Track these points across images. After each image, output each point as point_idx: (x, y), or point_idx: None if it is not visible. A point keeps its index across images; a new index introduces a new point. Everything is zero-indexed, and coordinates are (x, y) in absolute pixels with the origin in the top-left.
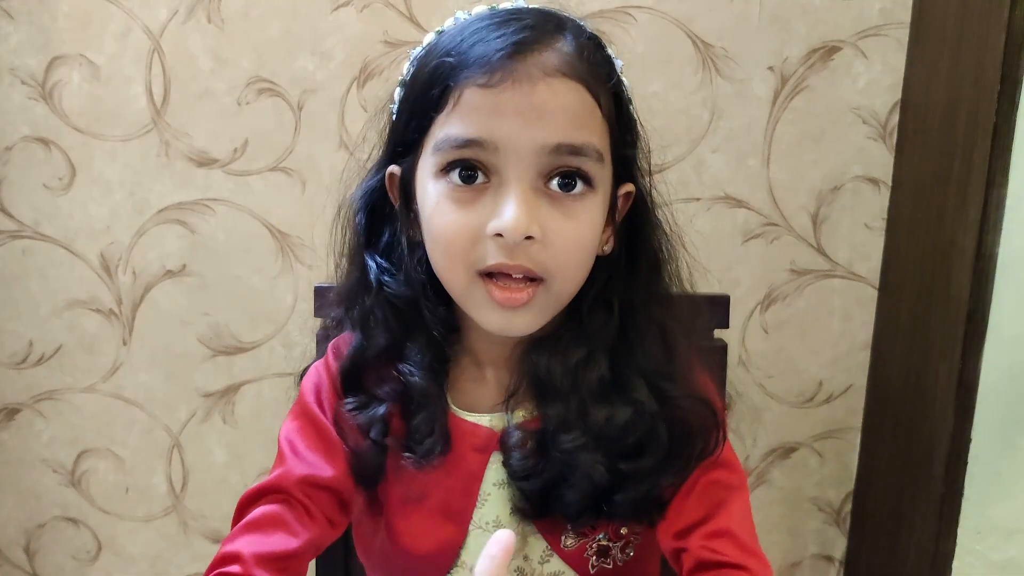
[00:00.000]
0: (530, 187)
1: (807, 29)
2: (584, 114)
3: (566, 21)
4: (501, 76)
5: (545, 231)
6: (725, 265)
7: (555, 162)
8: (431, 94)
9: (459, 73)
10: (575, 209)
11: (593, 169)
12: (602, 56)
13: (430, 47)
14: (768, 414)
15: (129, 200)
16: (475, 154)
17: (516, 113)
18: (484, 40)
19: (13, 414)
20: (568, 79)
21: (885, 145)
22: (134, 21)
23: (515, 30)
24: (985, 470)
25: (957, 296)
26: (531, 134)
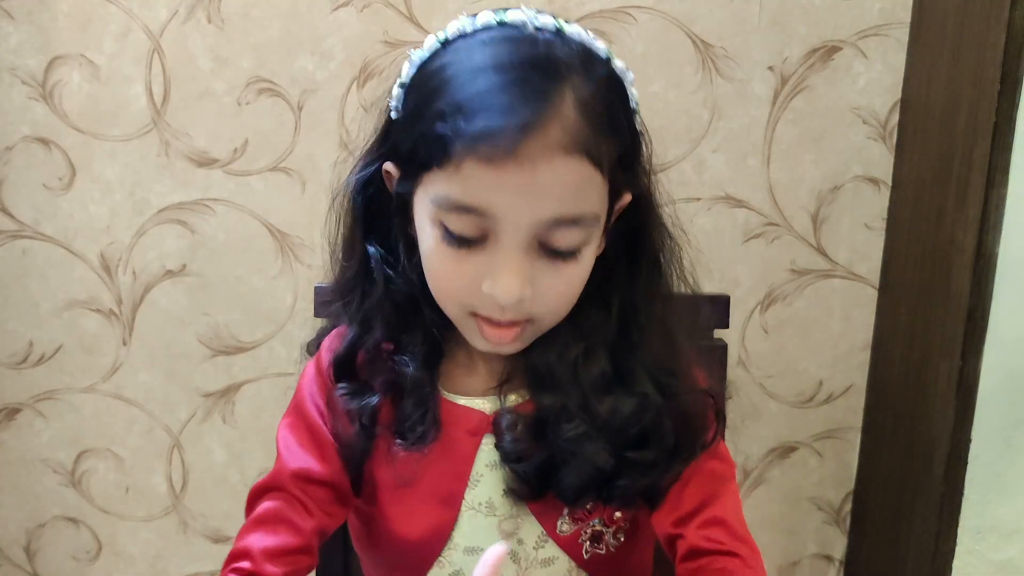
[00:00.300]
0: (525, 250)
1: (807, 29)
2: (584, 185)
3: (575, 67)
4: (504, 156)
5: (536, 287)
6: (725, 265)
7: (551, 231)
8: (432, 152)
9: (460, 143)
10: (566, 268)
11: (587, 233)
12: (610, 103)
13: (432, 70)
14: (768, 414)
15: (129, 200)
16: (472, 220)
17: (517, 190)
18: (487, 111)
19: (13, 414)
20: (570, 155)
21: (885, 145)
22: (134, 21)
23: (521, 104)
24: (985, 470)
25: (957, 296)
26: (530, 209)
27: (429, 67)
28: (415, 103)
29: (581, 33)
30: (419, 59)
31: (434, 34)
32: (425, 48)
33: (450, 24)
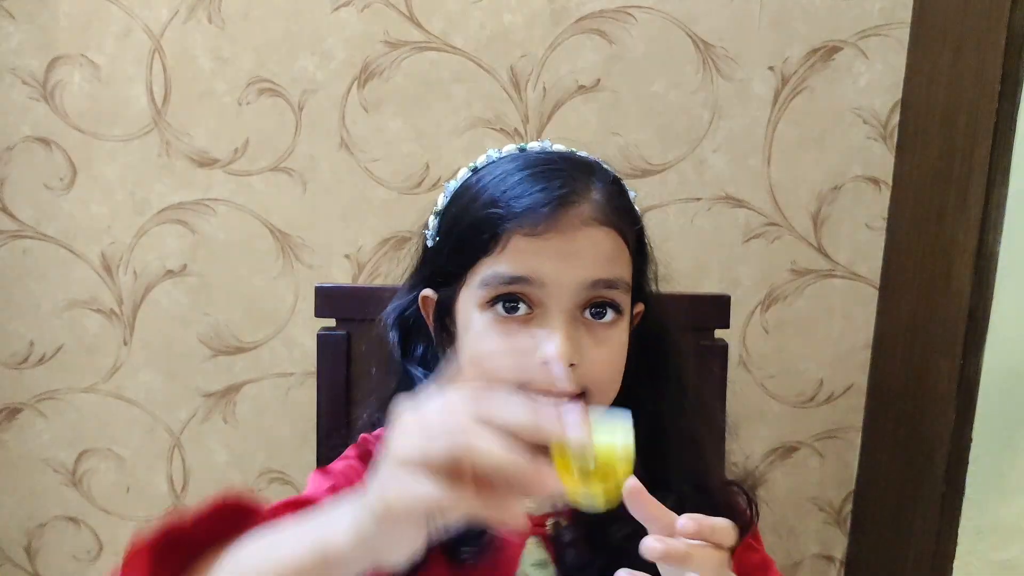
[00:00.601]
0: (569, 318)
1: (807, 29)
2: (615, 253)
3: (594, 168)
4: (546, 227)
5: (583, 356)
6: (726, 265)
7: (591, 295)
8: (480, 238)
9: (507, 223)
10: (607, 335)
11: (621, 298)
12: (626, 199)
13: (467, 186)
14: (769, 414)
15: (130, 200)
16: (521, 288)
17: (559, 256)
18: (529, 193)
19: (14, 414)
20: (602, 226)
21: (885, 145)
22: (135, 21)
23: (558, 184)
24: (986, 470)
25: (958, 295)
26: (572, 272)
27: (463, 188)
28: (455, 215)
29: (590, 156)
30: (452, 188)
31: (465, 166)
32: (458, 179)
33: (479, 158)
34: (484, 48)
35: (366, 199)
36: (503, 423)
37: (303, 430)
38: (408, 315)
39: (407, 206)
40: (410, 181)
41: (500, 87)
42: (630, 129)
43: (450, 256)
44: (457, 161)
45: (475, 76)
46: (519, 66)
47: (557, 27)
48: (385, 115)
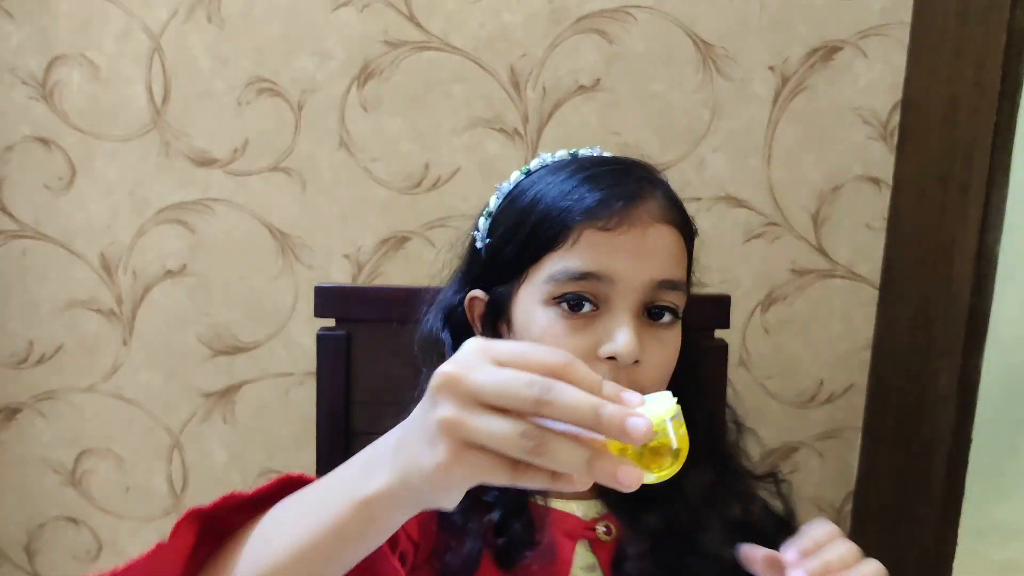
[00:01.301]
0: (635, 316)
1: (808, 29)
2: (679, 254)
3: (651, 169)
4: (618, 220)
5: (644, 356)
6: (726, 265)
7: (655, 295)
8: (549, 232)
9: (579, 216)
10: (667, 336)
11: (680, 301)
12: (680, 202)
13: (521, 188)
14: (769, 414)
15: (129, 200)
16: (590, 285)
17: (630, 252)
18: (599, 188)
19: (13, 414)
20: (669, 225)
21: (886, 145)
22: (134, 21)
23: (628, 180)
24: (986, 470)
25: (958, 296)
26: (642, 270)
27: (518, 191)
28: (516, 214)
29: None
30: (507, 189)
31: (517, 170)
32: (511, 180)
33: (532, 162)
34: (484, 48)
35: (366, 199)
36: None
37: (303, 430)
38: (459, 313)
39: (407, 206)
40: (410, 181)
41: (500, 87)
42: (630, 129)
43: (512, 253)
44: (457, 161)
45: (475, 76)
46: (519, 66)
47: (557, 27)
48: (385, 115)
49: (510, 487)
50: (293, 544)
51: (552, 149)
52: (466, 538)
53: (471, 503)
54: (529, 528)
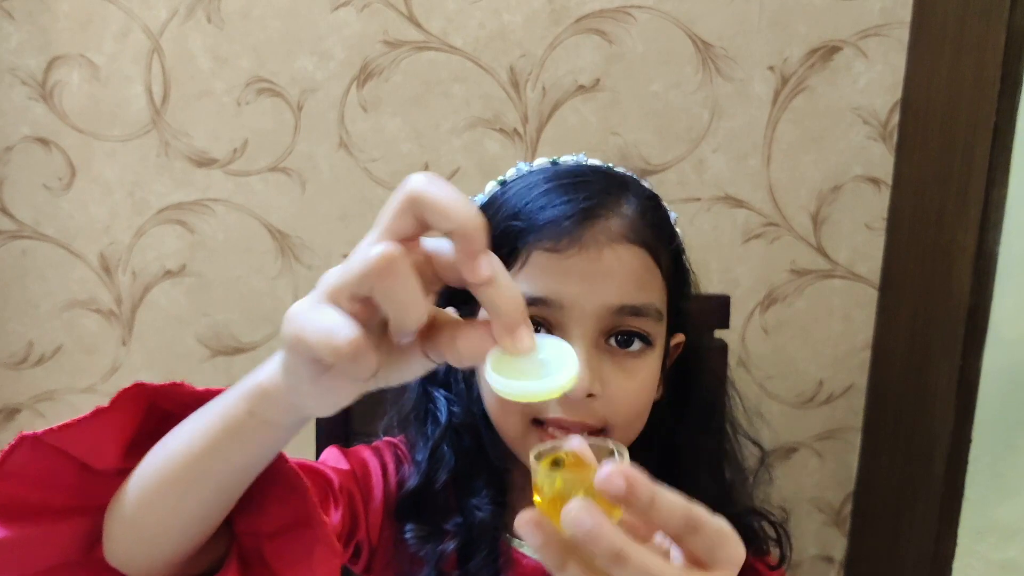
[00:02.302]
0: (592, 344)
1: (807, 29)
2: (646, 276)
3: (628, 181)
4: (569, 242)
5: (605, 387)
6: (725, 265)
7: (616, 322)
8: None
9: (527, 236)
10: (634, 366)
11: (652, 328)
12: (661, 216)
13: (493, 199)
14: (768, 415)
15: (129, 200)
16: (540, 311)
17: (582, 277)
18: (552, 204)
19: (13, 414)
20: (632, 244)
21: (885, 145)
22: (134, 21)
23: (584, 196)
24: (986, 470)
25: (958, 296)
26: (596, 296)
27: (489, 202)
28: None
29: (629, 172)
30: (479, 202)
31: (494, 180)
32: (486, 192)
33: (508, 171)
34: (483, 48)
35: (365, 199)
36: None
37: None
38: None
39: None
40: None
41: (499, 87)
42: (629, 129)
43: None
44: (456, 161)
45: (474, 76)
46: (518, 66)
47: (556, 27)
48: (384, 115)
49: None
50: (187, 433)
51: (552, 148)
52: (422, 566)
53: (431, 530)
54: (491, 565)
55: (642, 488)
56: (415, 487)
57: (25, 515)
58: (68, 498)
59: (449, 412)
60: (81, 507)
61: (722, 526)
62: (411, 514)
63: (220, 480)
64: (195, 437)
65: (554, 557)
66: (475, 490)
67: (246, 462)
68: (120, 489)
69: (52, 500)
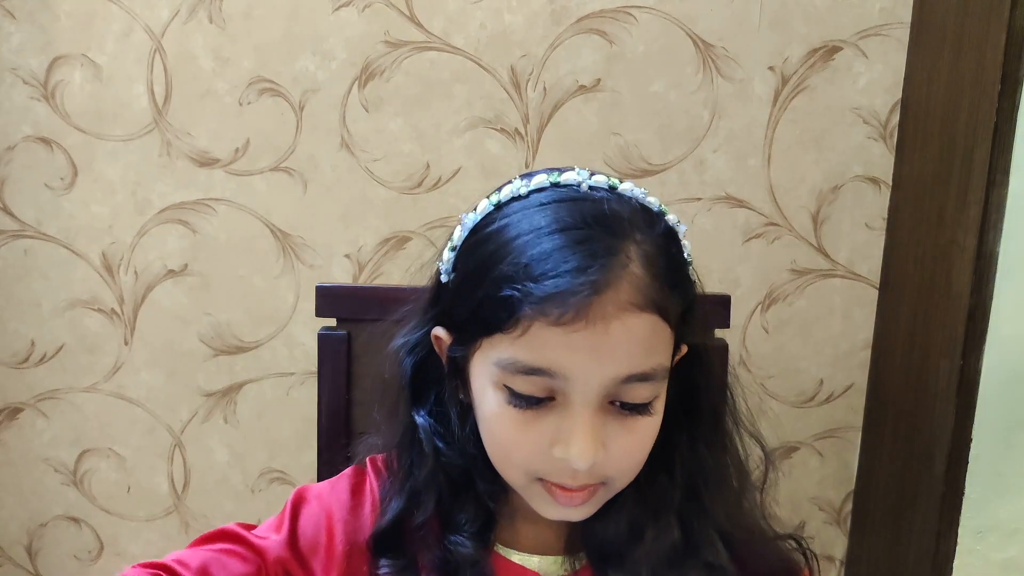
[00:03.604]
0: (596, 410)
1: (807, 29)
2: (655, 340)
3: (635, 220)
4: (575, 316)
5: (608, 448)
6: (726, 265)
7: (623, 389)
8: (497, 315)
9: (528, 307)
10: (638, 425)
11: (658, 387)
12: (672, 257)
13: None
14: (769, 414)
15: (131, 200)
16: (543, 381)
17: (588, 350)
18: (555, 273)
19: (15, 413)
20: (641, 312)
21: (885, 145)
22: (136, 21)
23: (591, 266)
24: (986, 470)
25: (958, 295)
26: (603, 369)
27: (484, 230)
28: (474, 267)
29: (634, 189)
30: (472, 222)
31: (487, 198)
32: (478, 212)
33: (503, 188)
34: (484, 48)
35: (367, 199)
36: None
37: (304, 430)
38: (420, 351)
39: (408, 206)
40: (411, 181)
41: (500, 87)
42: (630, 129)
43: (464, 314)
44: (457, 161)
45: (475, 76)
46: (519, 66)
47: (557, 27)
48: (386, 115)
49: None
50: None
51: (553, 149)
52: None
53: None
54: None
55: None
56: (392, 520)
57: None
58: None
59: (433, 444)
60: None
61: None
62: (385, 549)
63: None
64: None
65: None
66: (458, 525)
67: None
68: None
69: None
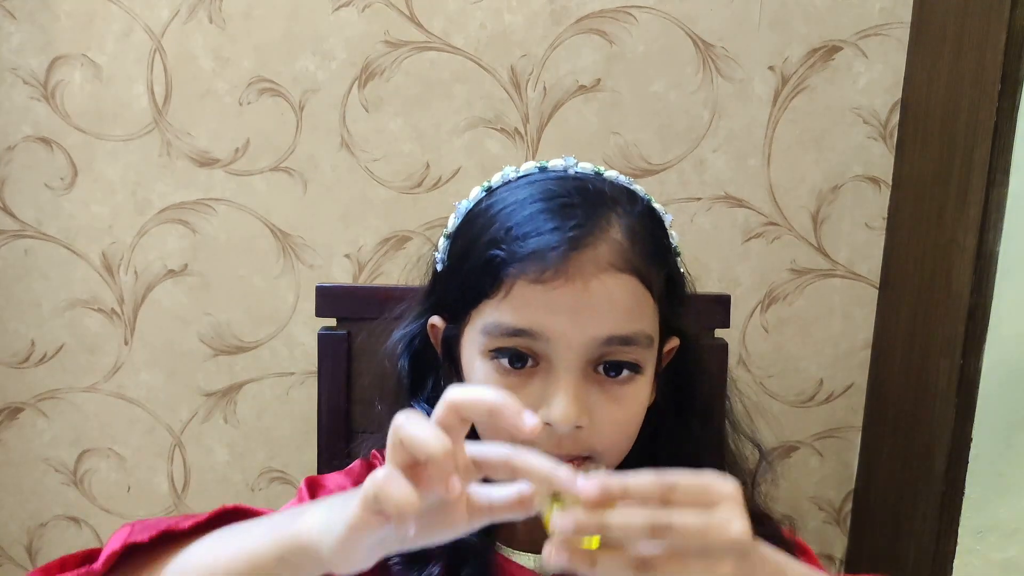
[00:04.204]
0: (579, 375)
1: (807, 29)
2: (635, 304)
3: (618, 198)
4: (554, 273)
5: (593, 418)
6: (725, 264)
7: (605, 352)
8: (483, 280)
9: (510, 266)
10: (623, 393)
11: (641, 354)
12: (654, 233)
13: (477, 209)
14: (768, 414)
15: (131, 200)
16: (525, 343)
17: (569, 309)
18: (537, 233)
19: (15, 413)
20: (621, 273)
21: (885, 144)
22: (136, 21)
23: (571, 224)
24: (986, 469)
25: (958, 295)
26: (583, 329)
27: (475, 212)
28: (463, 245)
29: (619, 176)
30: (464, 208)
31: (479, 185)
32: (471, 198)
33: (494, 176)
34: (484, 48)
35: (367, 199)
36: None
37: (304, 429)
38: (417, 342)
39: (408, 206)
40: (410, 181)
41: (500, 87)
42: (630, 129)
43: (454, 291)
44: (457, 161)
45: (475, 76)
46: (519, 66)
47: (557, 27)
48: (386, 115)
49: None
50: (208, 566)
51: (553, 149)
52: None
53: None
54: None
55: (611, 483)
56: None
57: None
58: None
59: None
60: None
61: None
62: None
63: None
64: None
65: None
66: None
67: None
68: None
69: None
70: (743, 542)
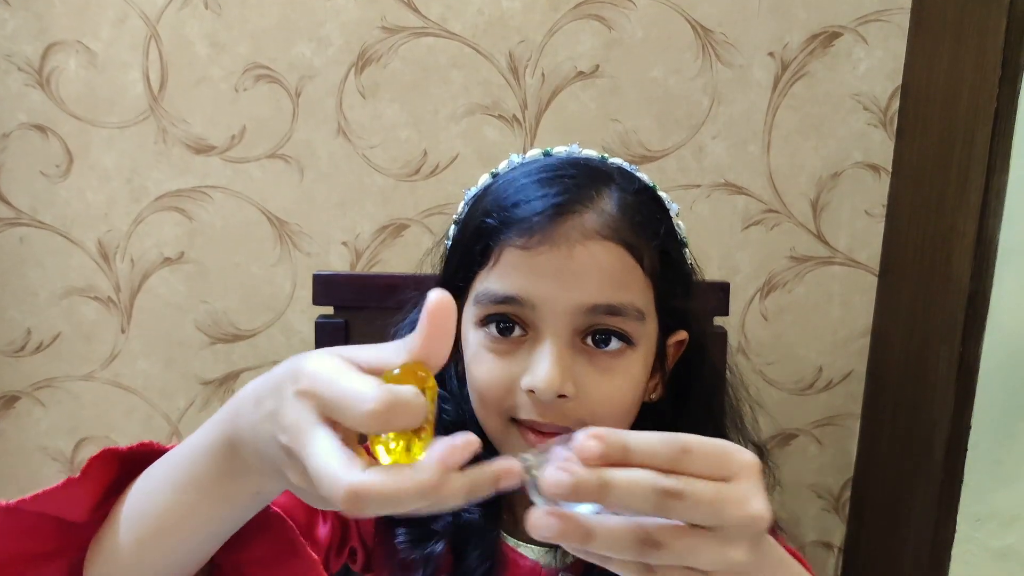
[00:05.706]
0: (566, 344)
1: (807, 15)
2: (624, 275)
3: (614, 174)
4: (539, 239)
5: (580, 388)
6: (725, 252)
7: (592, 321)
8: (475, 249)
9: (500, 233)
10: (612, 365)
11: (632, 327)
12: (651, 211)
13: (482, 192)
14: (768, 401)
15: (127, 187)
16: (513, 309)
17: (553, 275)
18: (526, 200)
19: (12, 402)
20: (607, 241)
21: (886, 131)
22: (131, 7)
23: (558, 191)
24: (985, 457)
25: (957, 282)
26: (567, 295)
27: (479, 198)
28: (465, 223)
29: (624, 163)
30: (472, 194)
31: (488, 172)
32: (479, 185)
33: (501, 164)
34: (482, 34)
35: (364, 186)
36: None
37: None
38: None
39: (405, 193)
40: (408, 168)
41: (498, 73)
42: (629, 115)
43: (456, 268)
44: (455, 147)
45: (473, 62)
46: (517, 52)
47: (556, 12)
48: (382, 101)
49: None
50: (162, 494)
51: (551, 135)
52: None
53: (420, 533)
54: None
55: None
56: None
57: (7, 563)
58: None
59: (440, 410)
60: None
61: (715, 440)
62: (399, 518)
63: (210, 529)
64: (174, 496)
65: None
66: None
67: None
68: (102, 534)
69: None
70: (762, 522)
